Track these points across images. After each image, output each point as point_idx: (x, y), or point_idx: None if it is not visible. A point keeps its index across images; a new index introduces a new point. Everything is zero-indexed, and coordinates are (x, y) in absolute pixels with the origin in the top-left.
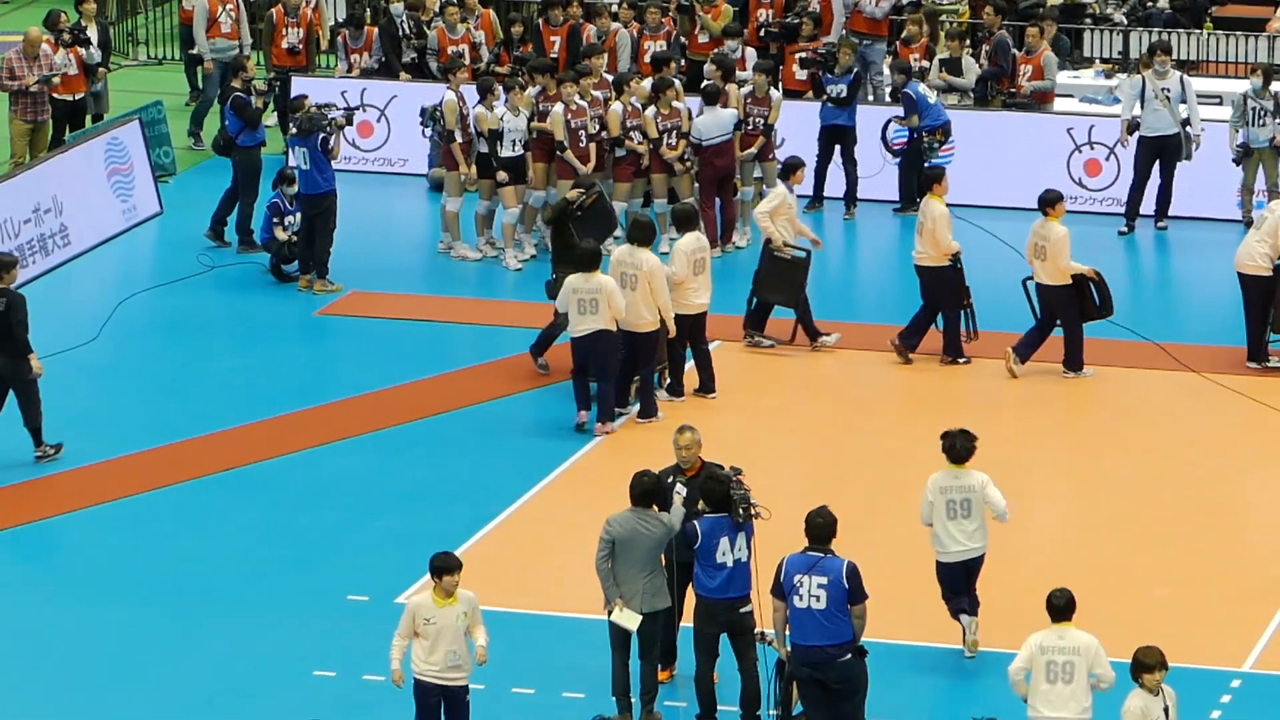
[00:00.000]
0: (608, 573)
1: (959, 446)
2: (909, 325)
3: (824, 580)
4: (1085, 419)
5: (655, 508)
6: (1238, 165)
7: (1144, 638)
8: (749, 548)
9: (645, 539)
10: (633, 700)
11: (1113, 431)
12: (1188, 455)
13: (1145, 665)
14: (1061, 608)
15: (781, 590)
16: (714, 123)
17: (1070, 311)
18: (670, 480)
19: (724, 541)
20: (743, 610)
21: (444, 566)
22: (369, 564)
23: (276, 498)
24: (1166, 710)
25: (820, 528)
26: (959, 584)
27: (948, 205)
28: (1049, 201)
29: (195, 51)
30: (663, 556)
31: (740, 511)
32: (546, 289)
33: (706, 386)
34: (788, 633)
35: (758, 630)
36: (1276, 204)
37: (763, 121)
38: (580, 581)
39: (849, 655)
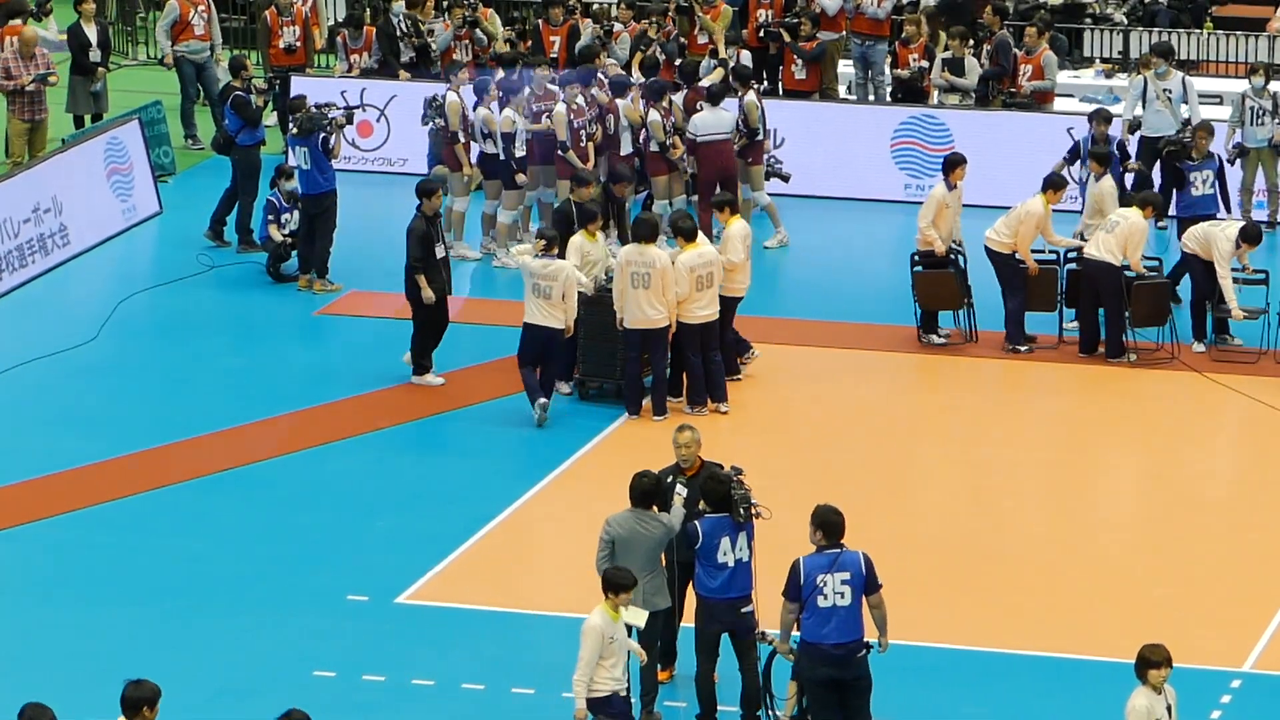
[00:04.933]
0: None
1: (643, 227)
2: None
3: (846, 576)
4: (1085, 418)
5: (655, 508)
6: (1231, 165)
7: (1144, 638)
8: (750, 547)
9: (645, 539)
10: (633, 700)
11: (1113, 431)
12: (1188, 455)
13: (1152, 662)
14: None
15: (798, 592)
16: (712, 120)
17: (1110, 300)
18: (670, 480)
19: (725, 541)
20: (744, 610)
21: (621, 583)
22: (369, 564)
23: (276, 498)
24: (1169, 709)
25: (835, 525)
26: (639, 350)
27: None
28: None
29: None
30: (663, 557)
31: (741, 511)
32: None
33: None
34: (795, 634)
35: (759, 630)
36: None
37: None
38: (580, 581)
39: (864, 651)
